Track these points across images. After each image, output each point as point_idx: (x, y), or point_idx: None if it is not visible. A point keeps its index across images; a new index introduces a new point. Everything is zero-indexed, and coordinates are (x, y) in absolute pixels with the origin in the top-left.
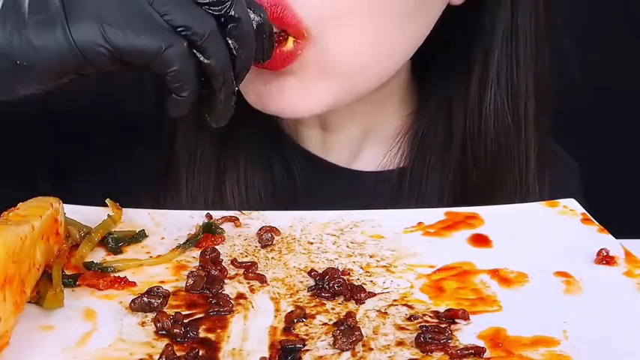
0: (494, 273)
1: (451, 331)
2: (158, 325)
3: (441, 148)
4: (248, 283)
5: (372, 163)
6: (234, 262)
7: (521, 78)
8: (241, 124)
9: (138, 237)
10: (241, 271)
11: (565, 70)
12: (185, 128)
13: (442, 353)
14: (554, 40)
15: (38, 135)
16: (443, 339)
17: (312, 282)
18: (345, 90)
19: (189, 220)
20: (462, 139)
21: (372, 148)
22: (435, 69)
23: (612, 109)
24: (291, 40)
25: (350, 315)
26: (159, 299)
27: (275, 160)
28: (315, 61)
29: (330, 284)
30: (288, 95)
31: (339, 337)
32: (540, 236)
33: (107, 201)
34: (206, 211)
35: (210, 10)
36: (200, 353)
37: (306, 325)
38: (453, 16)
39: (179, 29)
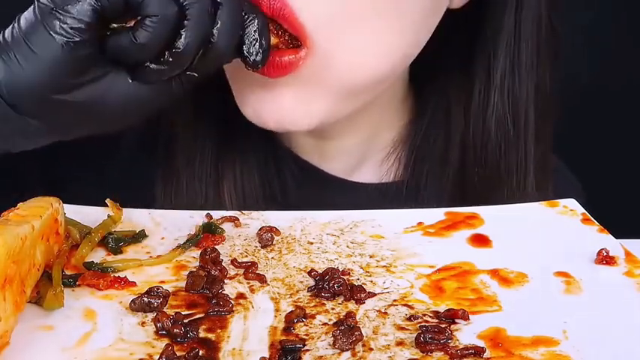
0: (494, 273)
1: (451, 331)
2: (158, 325)
3: (438, 158)
4: (248, 283)
5: (371, 174)
6: (234, 262)
7: (522, 85)
8: (239, 132)
9: (138, 237)
10: (241, 271)
11: (573, 71)
12: (183, 133)
13: (442, 353)
14: (556, 48)
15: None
16: (443, 339)
17: (312, 282)
18: (343, 101)
19: (189, 220)
20: (461, 148)
21: (371, 159)
22: (433, 77)
23: (612, 110)
24: (289, 51)
25: (350, 315)
26: (159, 299)
27: (272, 169)
28: (316, 72)
29: (330, 284)
30: (286, 109)
31: (339, 337)
32: (540, 236)
33: (107, 201)
34: (206, 211)
35: None
36: (200, 353)
37: (306, 325)
38: (453, 21)
39: None
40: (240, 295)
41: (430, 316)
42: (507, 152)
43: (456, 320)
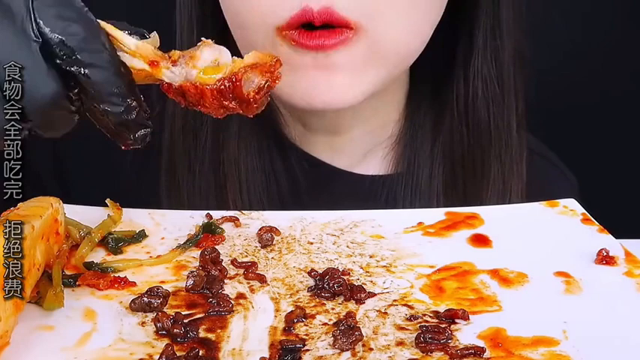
0: (495, 273)
1: (451, 331)
2: (158, 325)
3: (430, 144)
4: (248, 283)
5: (373, 167)
6: (234, 262)
7: (504, 47)
8: (241, 131)
9: (138, 237)
10: (241, 271)
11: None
12: (182, 136)
13: (442, 353)
14: (530, 14)
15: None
16: (443, 339)
17: (312, 282)
18: (388, 76)
19: (189, 220)
20: (451, 114)
21: (374, 152)
22: (423, 63)
23: (612, 110)
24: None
25: (350, 315)
26: (159, 299)
27: (278, 166)
28: (365, 51)
29: (330, 284)
30: (336, 88)
31: (339, 337)
32: (540, 236)
33: (107, 201)
34: (206, 211)
35: None
36: (200, 353)
37: (306, 325)
38: None
39: None
40: (240, 295)
41: (430, 316)
42: (495, 110)
43: (456, 320)
